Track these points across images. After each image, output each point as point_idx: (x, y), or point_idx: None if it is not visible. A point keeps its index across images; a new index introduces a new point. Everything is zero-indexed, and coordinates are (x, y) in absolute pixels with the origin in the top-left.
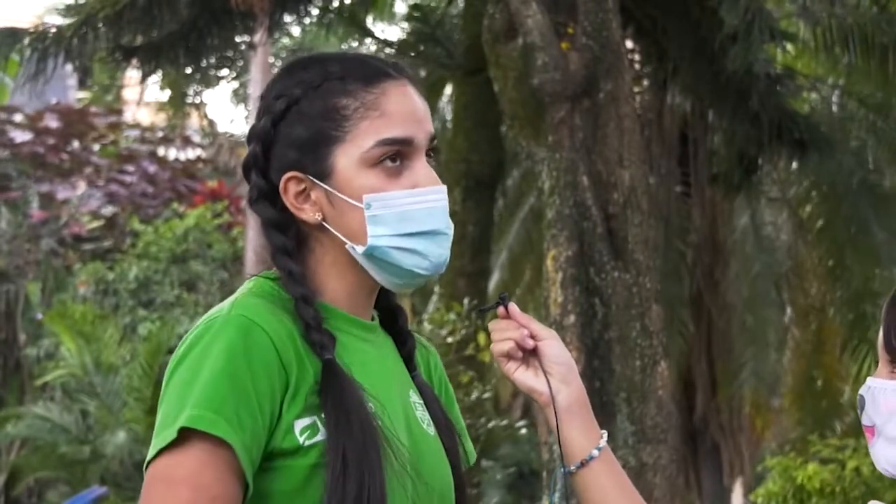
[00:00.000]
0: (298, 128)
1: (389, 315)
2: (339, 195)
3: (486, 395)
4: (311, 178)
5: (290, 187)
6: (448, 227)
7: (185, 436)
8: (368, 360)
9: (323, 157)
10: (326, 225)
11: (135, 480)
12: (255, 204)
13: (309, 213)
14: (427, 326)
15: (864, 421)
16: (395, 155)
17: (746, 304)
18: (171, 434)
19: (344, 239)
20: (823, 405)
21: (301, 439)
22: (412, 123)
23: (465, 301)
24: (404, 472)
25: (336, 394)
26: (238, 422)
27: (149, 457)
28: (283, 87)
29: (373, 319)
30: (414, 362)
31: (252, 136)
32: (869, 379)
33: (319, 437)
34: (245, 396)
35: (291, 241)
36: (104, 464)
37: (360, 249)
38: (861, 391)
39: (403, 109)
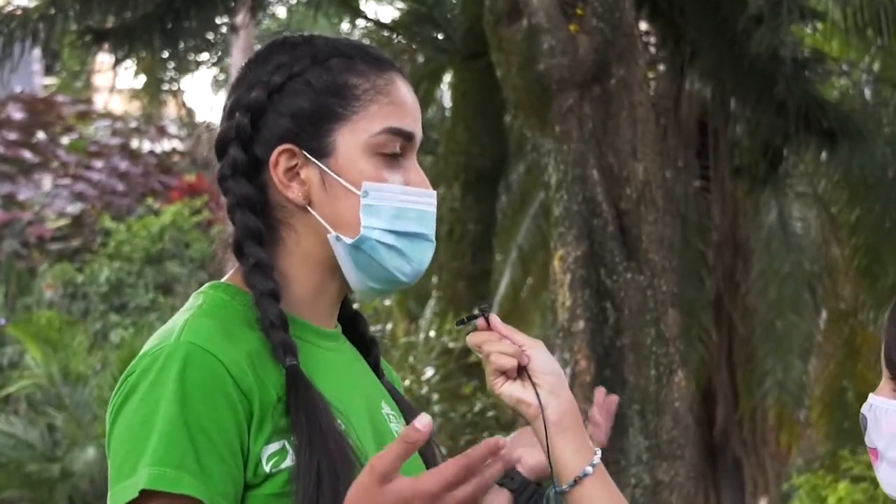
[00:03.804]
0: (300, 99)
1: (349, 323)
2: (336, 177)
3: (491, 413)
4: (307, 154)
5: (280, 161)
6: (433, 236)
7: (148, 494)
8: (334, 370)
9: (324, 134)
10: (310, 209)
11: (106, 500)
12: (230, 180)
13: (296, 193)
14: (431, 334)
15: (867, 442)
16: (395, 147)
17: (772, 308)
18: (131, 492)
19: (328, 227)
20: (855, 418)
21: (268, 467)
22: (414, 120)
23: (476, 310)
24: None
25: (306, 407)
26: (203, 472)
27: None
28: (281, 59)
29: (336, 327)
30: (381, 368)
31: (238, 106)
32: (871, 396)
33: (287, 464)
34: (207, 440)
35: (264, 226)
36: (73, 482)
37: (347, 240)
38: (863, 409)
39: (409, 103)
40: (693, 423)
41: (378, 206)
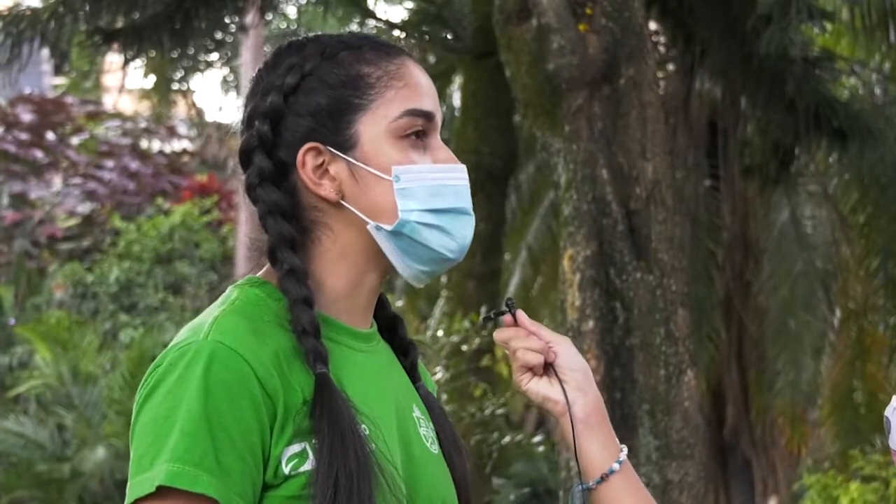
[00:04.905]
0: (316, 97)
1: (387, 325)
2: (365, 167)
3: (501, 411)
4: (332, 149)
5: (307, 161)
6: (471, 209)
7: (166, 490)
8: (365, 373)
9: (345, 127)
10: (345, 203)
11: (115, 500)
12: (258, 188)
13: (328, 190)
14: (439, 333)
15: (891, 445)
16: (418, 128)
17: (782, 308)
18: (148, 486)
19: (366, 218)
20: (865, 418)
21: (287, 469)
22: (432, 99)
23: (483, 309)
24: (396, 502)
25: (330, 413)
26: (221, 471)
27: (127, 501)
28: (291, 60)
29: (371, 326)
30: (417, 373)
31: (256, 114)
32: (895, 398)
33: (307, 467)
34: (228, 439)
35: (298, 229)
36: (82, 482)
37: (387, 227)
38: (886, 412)
39: (424, 84)
40: (703, 422)
41: (412, 188)
